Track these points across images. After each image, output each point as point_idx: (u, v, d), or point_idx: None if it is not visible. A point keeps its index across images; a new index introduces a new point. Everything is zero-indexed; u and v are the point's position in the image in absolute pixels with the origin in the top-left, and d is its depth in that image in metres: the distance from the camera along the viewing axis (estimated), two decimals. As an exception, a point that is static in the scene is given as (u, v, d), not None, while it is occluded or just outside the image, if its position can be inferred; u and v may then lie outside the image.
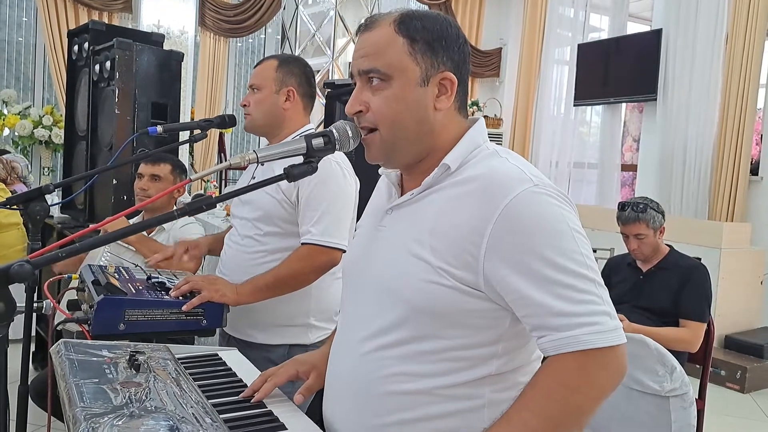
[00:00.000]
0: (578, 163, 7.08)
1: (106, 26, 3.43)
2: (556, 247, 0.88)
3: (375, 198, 1.16)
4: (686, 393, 1.53)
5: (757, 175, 5.24)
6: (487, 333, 0.94)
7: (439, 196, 0.97)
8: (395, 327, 0.96)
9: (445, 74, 0.98)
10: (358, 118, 1.01)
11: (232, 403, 1.01)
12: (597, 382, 0.88)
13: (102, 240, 0.91)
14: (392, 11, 1.00)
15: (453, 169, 0.97)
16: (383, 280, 0.99)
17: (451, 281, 0.92)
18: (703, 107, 5.52)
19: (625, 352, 0.90)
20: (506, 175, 0.93)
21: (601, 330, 0.86)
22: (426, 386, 0.94)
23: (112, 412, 0.83)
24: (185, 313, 1.47)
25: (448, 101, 0.99)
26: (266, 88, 1.81)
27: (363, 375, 0.98)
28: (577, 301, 0.87)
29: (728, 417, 3.55)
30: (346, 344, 1.04)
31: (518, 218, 0.89)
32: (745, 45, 5.21)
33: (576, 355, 0.87)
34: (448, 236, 0.93)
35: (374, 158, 1.02)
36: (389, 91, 0.97)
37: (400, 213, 1.03)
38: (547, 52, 7.39)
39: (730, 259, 4.50)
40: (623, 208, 2.72)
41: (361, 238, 1.14)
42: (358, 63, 0.99)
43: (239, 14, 7.00)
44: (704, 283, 2.59)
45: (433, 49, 0.97)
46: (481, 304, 0.92)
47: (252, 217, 1.77)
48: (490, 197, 0.91)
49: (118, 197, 3.03)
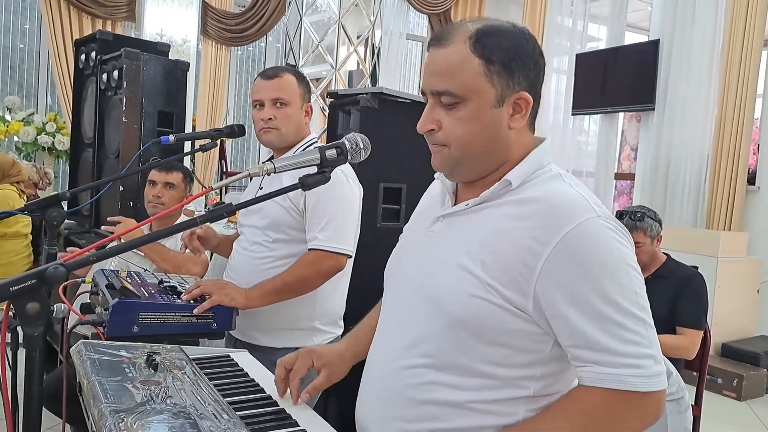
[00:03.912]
0: (576, 172, 7.14)
1: (113, 36, 3.48)
2: (612, 283, 0.88)
3: (426, 201, 1.14)
4: (682, 398, 1.57)
5: (754, 185, 5.29)
6: (527, 355, 0.94)
7: (497, 212, 0.96)
8: (434, 336, 0.96)
9: (520, 94, 0.96)
10: (428, 136, 0.99)
11: (247, 401, 1.06)
12: (628, 423, 0.88)
13: (131, 244, 0.96)
14: (466, 23, 0.96)
15: (514, 186, 0.96)
16: (427, 287, 0.99)
17: (499, 299, 0.91)
18: (700, 117, 5.58)
19: (662, 397, 0.89)
20: (570, 201, 0.92)
21: (643, 374, 0.87)
22: (460, 398, 0.94)
23: (136, 408, 0.88)
24: (196, 316, 1.52)
25: (522, 120, 0.97)
26: (294, 103, 1.83)
27: (397, 380, 0.98)
28: (625, 340, 0.87)
29: (725, 425, 3.59)
30: (383, 347, 1.05)
31: (578, 247, 0.88)
32: (742, 55, 5.27)
33: (611, 393, 0.87)
34: (501, 254, 0.92)
35: (439, 168, 1.01)
36: (463, 112, 0.94)
37: (453, 222, 1.01)
38: (545, 61, 7.46)
39: (727, 268, 4.55)
40: (621, 216, 2.77)
41: (407, 242, 1.13)
42: (430, 82, 0.96)
43: (241, 23, 7.07)
44: (701, 291, 2.63)
45: (510, 69, 0.94)
46: (526, 326, 0.92)
47: (261, 225, 1.82)
48: (551, 222, 0.90)
49: (124, 204, 3.07)
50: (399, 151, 2.43)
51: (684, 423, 1.49)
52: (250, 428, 0.90)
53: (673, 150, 5.75)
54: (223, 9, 6.96)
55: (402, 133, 2.24)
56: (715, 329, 4.40)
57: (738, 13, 5.30)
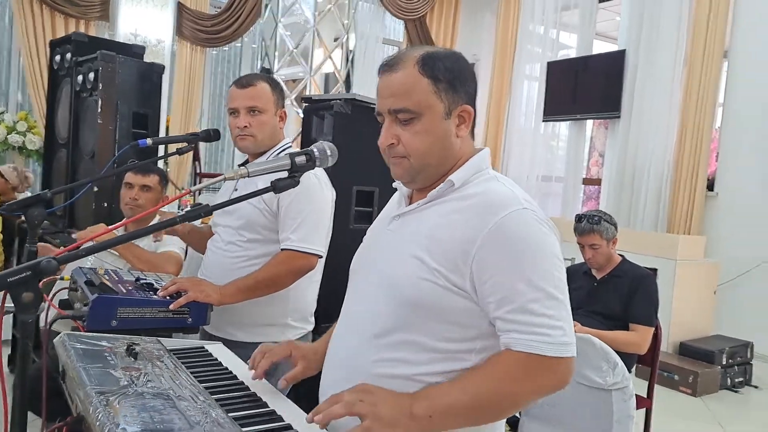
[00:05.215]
0: (546, 177, 7.32)
1: (88, 38, 3.52)
2: (531, 264, 1.02)
3: (388, 207, 1.30)
4: (626, 387, 1.70)
5: (713, 191, 5.51)
6: (468, 330, 1.07)
7: (441, 208, 1.12)
8: (389, 318, 1.09)
9: (464, 107, 1.13)
10: (389, 149, 1.13)
11: (221, 386, 1.14)
12: (536, 381, 1.02)
13: (116, 241, 1.04)
14: (409, 51, 1.12)
15: (456, 186, 1.12)
16: (384, 275, 1.13)
17: (443, 281, 1.05)
18: (663, 125, 5.78)
19: (570, 365, 1.03)
20: (502, 196, 1.07)
21: (552, 342, 1.00)
22: (411, 372, 1.07)
23: (119, 390, 0.96)
24: (172, 312, 1.60)
25: (466, 129, 1.14)
26: (269, 110, 1.91)
27: (358, 358, 1.12)
28: (538, 313, 1.01)
29: (680, 419, 3.76)
30: (347, 331, 1.18)
31: (505, 233, 1.03)
32: (703, 67, 5.47)
33: (524, 356, 1.01)
34: (444, 242, 1.07)
35: (400, 177, 1.16)
36: (419, 126, 1.10)
37: (406, 220, 1.17)
38: (518, 68, 7.63)
39: (686, 271, 4.72)
40: (580, 220, 2.91)
41: (369, 240, 1.29)
42: (387, 102, 1.11)
43: (217, 24, 7.08)
44: (652, 290, 2.78)
45: (454, 86, 1.11)
46: (466, 303, 1.06)
47: (236, 225, 1.90)
48: (484, 213, 1.05)
49: (99, 204, 3.12)
50: (371, 156, 2.49)
51: (628, 410, 1.62)
52: (224, 409, 0.99)
53: (638, 157, 5.95)
54: (198, 10, 6.97)
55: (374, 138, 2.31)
56: (674, 329, 4.59)
57: (699, 26, 5.51)
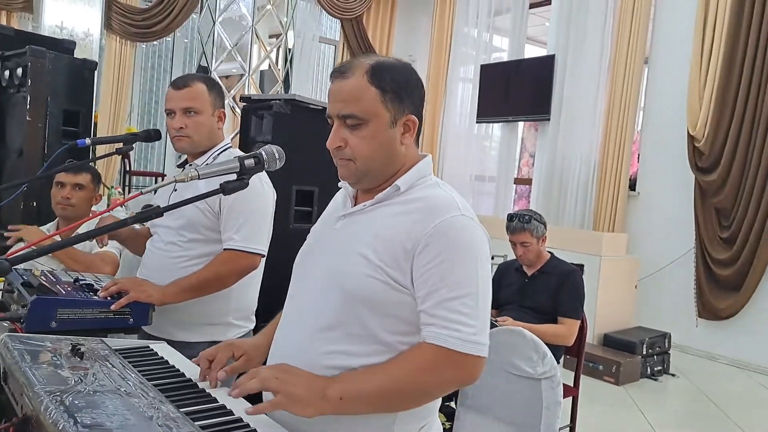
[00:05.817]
0: (479, 176, 7.54)
1: (14, 31, 3.39)
2: (458, 265, 1.10)
3: (331, 206, 1.35)
4: (555, 375, 1.81)
5: (635, 191, 5.84)
6: (409, 325, 1.14)
7: (387, 210, 1.19)
8: (336, 312, 1.15)
9: (409, 117, 1.19)
10: (337, 152, 1.19)
11: (169, 383, 1.17)
12: (442, 374, 1.10)
13: (72, 240, 1.05)
14: (361, 59, 1.18)
15: (402, 190, 1.19)
16: (330, 272, 1.19)
17: (386, 278, 1.12)
18: (588, 128, 6.08)
19: (479, 363, 1.10)
20: (443, 201, 1.16)
21: (462, 338, 1.08)
22: (355, 363, 1.14)
23: (70, 389, 0.97)
24: (113, 312, 1.59)
25: (411, 137, 1.21)
26: (206, 111, 1.92)
27: (305, 351, 1.17)
28: (455, 310, 1.09)
29: (604, 406, 3.98)
30: (293, 325, 1.23)
31: (443, 234, 1.11)
32: (626, 72, 5.78)
33: (437, 348, 1.09)
34: (388, 241, 1.13)
35: (346, 178, 1.22)
36: (365, 132, 1.16)
37: (353, 219, 1.23)
38: (453, 69, 7.83)
39: (609, 266, 4.99)
40: (511, 219, 3.05)
41: (313, 238, 1.33)
42: (337, 107, 1.17)
43: (147, 19, 6.89)
44: (578, 285, 2.96)
45: (400, 97, 1.17)
46: (406, 299, 1.13)
47: (176, 226, 1.90)
48: (426, 216, 1.13)
49: (27, 204, 3.02)
50: (311, 155, 2.53)
51: (556, 397, 1.73)
52: (174, 404, 1.02)
53: (566, 158, 6.24)
54: (128, 3, 6.78)
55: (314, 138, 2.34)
56: (598, 321, 4.85)
57: (622, 34, 5.82)
